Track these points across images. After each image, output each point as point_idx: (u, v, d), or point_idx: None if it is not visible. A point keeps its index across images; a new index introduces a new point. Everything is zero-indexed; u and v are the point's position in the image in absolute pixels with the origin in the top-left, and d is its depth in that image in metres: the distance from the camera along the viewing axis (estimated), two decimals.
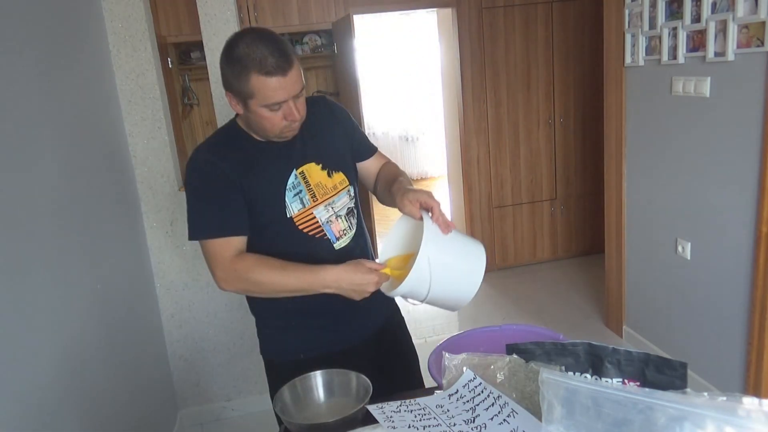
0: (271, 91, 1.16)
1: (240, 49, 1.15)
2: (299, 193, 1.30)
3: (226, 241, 1.25)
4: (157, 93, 2.38)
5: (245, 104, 1.20)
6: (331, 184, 1.35)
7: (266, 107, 1.18)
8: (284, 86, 1.16)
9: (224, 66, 1.19)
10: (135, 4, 2.28)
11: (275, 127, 1.22)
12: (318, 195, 1.32)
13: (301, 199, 1.30)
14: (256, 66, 1.13)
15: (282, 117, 1.20)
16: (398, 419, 0.93)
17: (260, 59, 1.13)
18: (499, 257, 4.28)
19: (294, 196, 1.30)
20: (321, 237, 1.33)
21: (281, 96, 1.17)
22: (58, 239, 1.64)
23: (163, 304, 2.56)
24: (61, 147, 1.74)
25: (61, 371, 1.54)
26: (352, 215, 1.40)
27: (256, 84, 1.15)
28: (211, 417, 2.71)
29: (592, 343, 0.92)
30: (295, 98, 1.20)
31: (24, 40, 1.56)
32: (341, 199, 1.36)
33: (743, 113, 2.13)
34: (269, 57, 1.13)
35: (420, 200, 1.21)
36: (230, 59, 1.17)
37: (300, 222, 1.31)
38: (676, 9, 2.39)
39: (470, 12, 3.83)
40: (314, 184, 1.32)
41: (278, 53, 1.14)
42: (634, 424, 0.72)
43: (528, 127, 4.09)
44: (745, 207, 2.17)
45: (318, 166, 1.34)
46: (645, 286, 2.89)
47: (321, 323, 1.40)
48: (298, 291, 1.24)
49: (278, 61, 1.14)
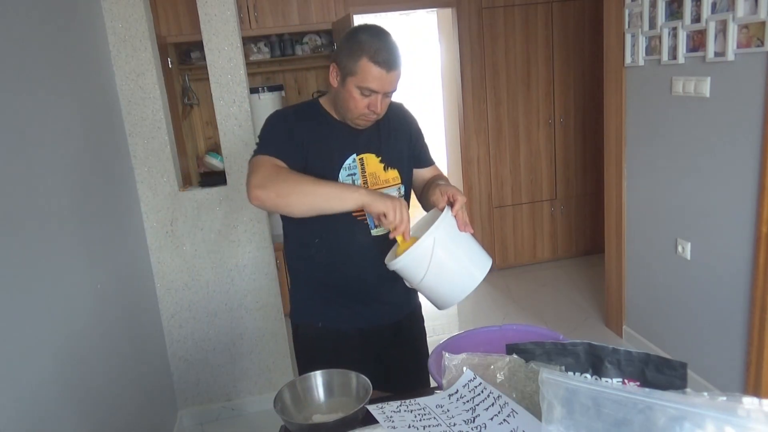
0: (371, 78, 1.30)
1: (365, 35, 1.31)
2: (352, 175, 1.42)
3: (275, 159, 1.33)
4: (157, 93, 2.38)
5: (344, 79, 1.34)
6: (384, 178, 1.47)
7: (359, 89, 1.32)
8: (383, 80, 1.31)
9: (344, 42, 1.34)
10: (135, 4, 2.28)
11: (357, 109, 1.36)
12: (370, 183, 1.44)
13: (354, 181, 1.42)
14: (371, 53, 1.29)
15: (366, 105, 1.35)
16: (398, 419, 0.93)
17: (376, 50, 1.29)
18: (499, 257, 4.28)
19: (347, 176, 1.42)
20: (362, 220, 1.43)
21: (376, 86, 1.31)
22: (58, 239, 1.64)
23: (163, 304, 2.56)
24: (61, 147, 1.74)
25: (61, 371, 1.54)
26: None
27: (363, 66, 1.30)
28: (211, 417, 2.71)
29: (592, 343, 0.92)
30: (384, 95, 1.35)
31: (24, 41, 1.56)
32: (389, 193, 1.46)
33: (743, 113, 2.13)
34: (384, 51, 1.29)
35: (449, 192, 1.30)
36: (351, 39, 1.32)
37: None
38: (676, 9, 2.39)
39: (470, 12, 3.83)
40: (369, 173, 1.45)
41: (392, 53, 1.31)
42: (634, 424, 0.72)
43: (528, 127, 4.10)
44: (745, 207, 2.17)
45: (377, 159, 1.46)
46: (645, 286, 2.89)
47: (343, 298, 1.50)
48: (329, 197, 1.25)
49: (389, 59, 1.30)
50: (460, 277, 1.24)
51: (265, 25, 3.51)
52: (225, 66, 2.44)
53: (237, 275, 2.60)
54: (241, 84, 2.47)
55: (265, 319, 2.66)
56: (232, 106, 2.48)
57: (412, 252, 1.19)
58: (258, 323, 2.67)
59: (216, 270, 2.58)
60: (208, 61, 2.43)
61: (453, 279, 1.24)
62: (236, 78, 2.46)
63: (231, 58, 2.44)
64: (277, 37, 3.78)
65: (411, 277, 1.25)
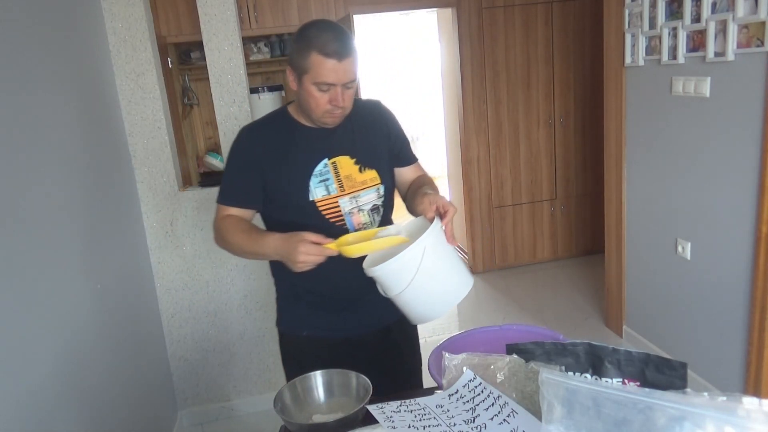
0: (325, 72, 1.26)
1: (311, 30, 1.28)
2: (325, 181, 1.39)
3: (224, 208, 1.43)
4: (157, 93, 2.38)
5: (300, 80, 1.30)
6: (361, 179, 1.42)
7: (316, 86, 1.28)
8: (337, 70, 1.26)
9: (293, 42, 1.32)
10: (135, 4, 2.28)
11: (319, 107, 1.31)
12: (345, 186, 1.40)
13: (327, 187, 1.39)
14: (318, 46, 1.25)
15: (328, 100, 1.30)
16: (398, 419, 0.93)
17: (324, 42, 1.25)
18: (499, 257, 4.28)
19: (319, 183, 1.38)
20: (340, 225, 1.40)
21: (332, 78, 1.27)
22: (58, 239, 1.64)
23: (163, 304, 2.56)
24: (61, 147, 1.74)
25: (61, 371, 1.54)
26: (376, 212, 1.45)
27: (314, 61, 1.26)
28: (211, 417, 2.71)
29: (592, 343, 0.92)
30: (344, 86, 1.30)
31: (24, 41, 1.56)
32: (368, 195, 1.43)
33: (743, 113, 2.13)
34: (332, 42, 1.25)
35: (439, 203, 1.24)
36: (300, 37, 1.29)
37: (323, 207, 1.38)
38: (676, 9, 2.39)
39: (470, 12, 3.83)
40: (344, 176, 1.40)
41: (341, 41, 1.26)
42: (634, 424, 0.72)
43: (528, 127, 4.09)
44: (745, 207, 2.17)
45: (351, 160, 1.42)
46: (645, 286, 2.89)
47: (328, 306, 1.47)
48: (254, 254, 1.35)
49: (338, 48, 1.25)
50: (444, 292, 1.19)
51: (265, 25, 3.51)
52: (225, 66, 2.44)
53: (237, 275, 2.60)
54: (241, 84, 2.47)
55: (265, 319, 2.66)
56: (232, 106, 2.48)
57: (399, 260, 1.12)
58: (258, 323, 2.67)
59: (216, 270, 2.58)
60: (208, 61, 2.43)
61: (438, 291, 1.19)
62: (236, 78, 2.46)
63: (231, 58, 2.44)
64: (277, 37, 3.78)
65: (392, 285, 1.17)
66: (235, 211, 1.42)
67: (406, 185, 1.53)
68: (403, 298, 1.18)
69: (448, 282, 1.20)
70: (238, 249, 1.37)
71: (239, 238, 1.35)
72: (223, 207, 1.43)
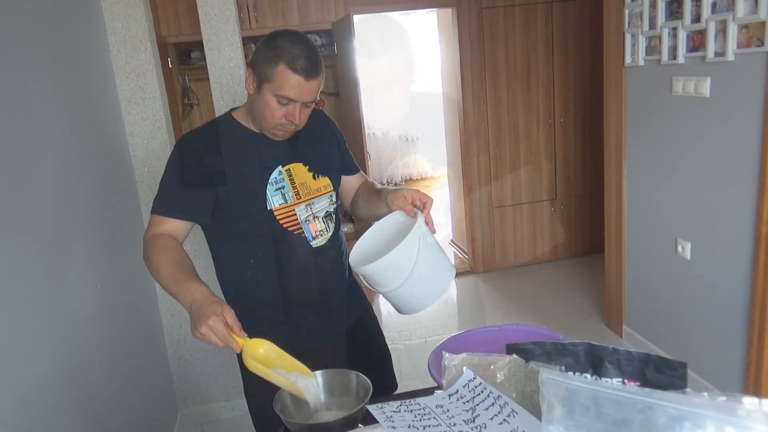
0: (288, 86, 1.24)
1: (283, 40, 1.24)
2: (281, 189, 1.36)
3: (162, 219, 1.33)
4: (157, 93, 2.38)
5: (260, 86, 1.27)
6: (315, 186, 1.42)
7: (276, 97, 1.26)
8: (301, 88, 1.24)
9: (261, 47, 1.27)
10: (135, 4, 2.28)
11: (273, 119, 1.29)
12: (301, 193, 1.39)
13: (284, 195, 1.36)
14: (288, 59, 1.22)
15: (284, 114, 1.28)
16: (398, 419, 0.93)
17: (294, 56, 1.22)
18: (499, 257, 4.28)
19: (276, 191, 1.35)
20: (299, 234, 1.38)
21: (294, 94, 1.25)
22: (58, 239, 1.64)
23: (163, 304, 2.55)
24: (61, 147, 1.74)
25: (61, 371, 1.54)
26: (329, 219, 1.45)
27: (280, 73, 1.23)
28: (211, 417, 2.71)
29: (592, 343, 0.92)
30: (303, 105, 1.28)
31: (24, 41, 1.56)
32: (321, 202, 1.42)
33: (743, 113, 2.13)
34: (303, 59, 1.23)
35: (415, 196, 1.24)
36: (269, 44, 1.25)
37: (280, 216, 1.36)
38: (676, 9, 2.39)
39: (470, 12, 3.83)
40: (299, 183, 1.39)
41: (311, 60, 1.24)
42: (634, 424, 0.72)
43: (528, 127, 4.10)
44: (745, 207, 2.17)
45: (305, 168, 1.41)
46: (645, 286, 2.89)
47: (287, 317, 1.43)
48: (169, 292, 1.24)
49: (307, 67, 1.23)
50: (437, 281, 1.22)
51: (265, 25, 3.51)
52: (225, 66, 2.44)
53: None
54: (241, 84, 2.47)
55: None
56: (232, 106, 2.48)
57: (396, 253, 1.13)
58: None
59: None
60: (208, 61, 2.43)
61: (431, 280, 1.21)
62: (236, 78, 2.46)
63: (231, 58, 2.44)
64: None
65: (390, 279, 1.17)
66: (173, 224, 1.33)
67: (352, 193, 1.56)
68: (402, 290, 1.19)
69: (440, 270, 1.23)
70: (158, 277, 1.26)
71: (166, 269, 1.24)
72: (161, 218, 1.33)
